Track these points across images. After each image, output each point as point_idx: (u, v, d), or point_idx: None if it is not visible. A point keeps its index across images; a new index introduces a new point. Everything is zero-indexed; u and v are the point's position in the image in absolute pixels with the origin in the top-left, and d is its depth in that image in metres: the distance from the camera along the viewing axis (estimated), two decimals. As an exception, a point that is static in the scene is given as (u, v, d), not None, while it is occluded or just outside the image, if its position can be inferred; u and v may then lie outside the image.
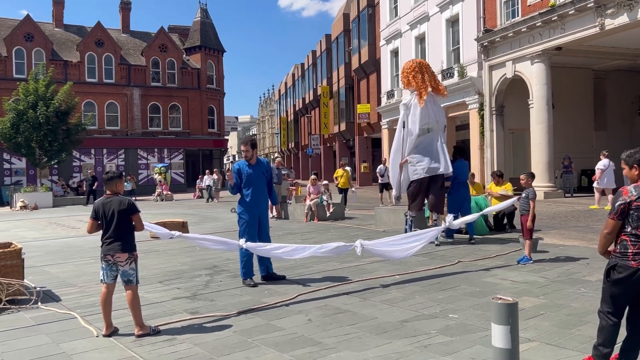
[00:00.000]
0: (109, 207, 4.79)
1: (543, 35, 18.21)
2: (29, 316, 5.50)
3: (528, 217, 7.41)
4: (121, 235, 4.75)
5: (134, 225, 4.86)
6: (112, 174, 4.96)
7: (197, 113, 42.41)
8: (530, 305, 5.30)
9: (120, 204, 4.78)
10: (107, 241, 4.78)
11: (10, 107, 28.50)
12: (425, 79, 10.00)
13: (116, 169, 32.81)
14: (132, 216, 4.81)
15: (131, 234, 4.84)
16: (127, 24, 44.54)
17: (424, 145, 9.87)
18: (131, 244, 4.82)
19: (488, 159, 21.45)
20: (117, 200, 4.82)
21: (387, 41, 30.67)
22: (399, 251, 6.84)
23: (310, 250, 6.36)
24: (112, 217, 4.76)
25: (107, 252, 4.75)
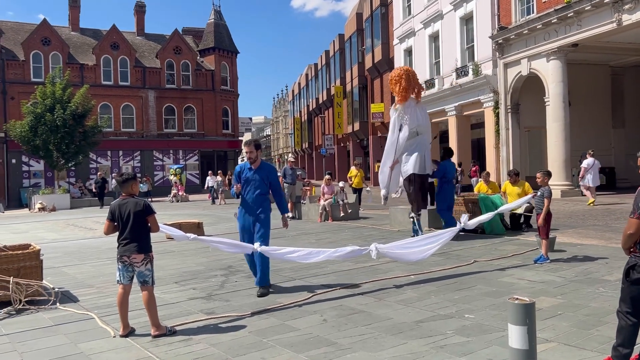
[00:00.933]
0: (125, 209, 4.83)
1: (559, 32, 18.01)
2: (48, 316, 5.57)
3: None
4: (137, 237, 4.78)
5: (149, 226, 4.89)
6: (126, 176, 5.00)
7: (211, 114, 42.66)
8: (548, 305, 5.23)
9: (135, 206, 4.82)
10: (123, 242, 4.82)
11: (29, 111, 28.95)
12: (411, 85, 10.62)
13: (132, 171, 33.11)
14: (147, 217, 4.84)
15: (147, 235, 4.87)
16: (141, 27, 44.95)
17: (413, 147, 10.55)
18: (147, 245, 4.85)
19: (504, 158, 21.27)
20: (132, 201, 4.85)
21: (400, 40, 30.57)
22: (414, 253, 6.77)
23: (325, 255, 6.34)
24: (127, 219, 4.79)
25: (123, 253, 4.80)
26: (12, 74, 36.77)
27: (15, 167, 36.52)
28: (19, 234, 14.57)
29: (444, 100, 25.48)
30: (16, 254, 6.31)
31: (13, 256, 6.25)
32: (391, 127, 10.69)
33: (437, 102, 26.10)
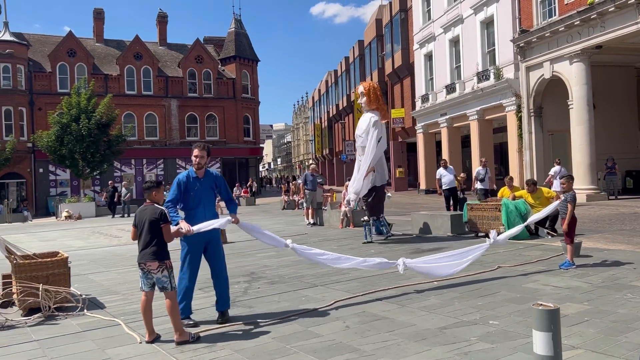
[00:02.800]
0: (143, 216, 4.88)
1: (582, 34, 17.78)
2: (76, 323, 5.69)
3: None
4: (152, 244, 4.79)
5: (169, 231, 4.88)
6: (149, 184, 5.04)
7: (232, 122, 43.06)
8: (574, 311, 5.16)
9: (152, 214, 4.84)
10: (140, 249, 4.88)
11: (55, 121, 29.62)
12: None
13: (156, 178, 33.46)
14: (161, 226, 4.82)
15: (162, 242, 4.84)
16: (164, 37, 45.68)
17: (381, 158, 11.57)
18: (162, 252, 4.82)
19: (527, 162, 21.01)
20: (150, 209, 4.88)
21: (420, 45, 30.49)
22: (442, 268, 6.61)
23: (353, 262, 6.38)
24: (144, 226, 4.84)
25: (140, 260, 4.85)
26: (39, 85, 37.69)
27: (42, 177, 37.36)
28: (47, 242, 14.89)
29: (465, 105, 25.31)
30: (45, 262, 6.46)
31: (42, 264, 6.40)
32: (375, 138, 11.22)
33: (459, 107, 25.94)
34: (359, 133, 11.59)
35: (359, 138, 11.59)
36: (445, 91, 27.38)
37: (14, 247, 6.54)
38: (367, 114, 11.57)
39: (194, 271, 5.45)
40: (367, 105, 11.63)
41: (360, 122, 11.69)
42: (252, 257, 9.94)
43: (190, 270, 5.42)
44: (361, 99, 11.74)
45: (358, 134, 11.64)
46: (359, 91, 11.89)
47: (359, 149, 11.82)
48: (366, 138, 11.31)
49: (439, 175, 15.94)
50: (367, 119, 11.46)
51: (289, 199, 25.32)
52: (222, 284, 5.53)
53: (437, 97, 28.62)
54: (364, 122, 11.56)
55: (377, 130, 11.28)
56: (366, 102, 11.62)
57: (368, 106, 11.61)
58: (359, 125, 11.67)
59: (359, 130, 11.64)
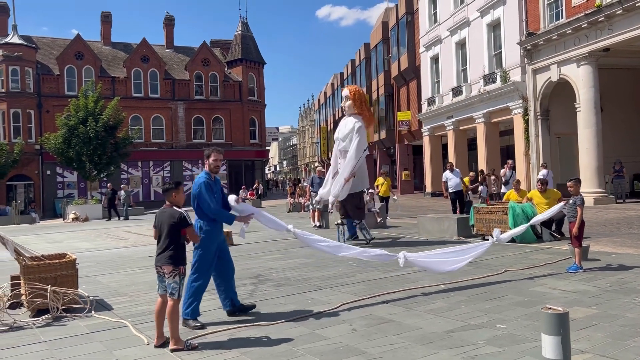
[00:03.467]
0: (161, 219, 4.83)
1: (589, 37, 17.72)
2: (84, 324, 5.71)
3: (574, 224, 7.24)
4: (169, 248, 4.74)
5: (185, 238, 4.82)
6: (167, 185, 4.95)
7: (239, 125, 43.18)
8: (582, 315, 5.13)
9: (170, 218, 4.76)
10: (157, 251, 4.84)
11: (62, 123, 29.79)
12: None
13: (170, 180, 33.43)
14: (183, 230, 4.75)
15: (179, 247, 4.78)
16: (170, 40, 45.89)
17: (362, 164, 11.36)
18: (178, 257, 4.75)
19: (534, 165, 20.94)
20: (169, 212, 4.81)
21: (426, 48, 30.48)
22: (443, 263, 6.66)
23: (354, 252, 6.40)
24: (162, 229, 4.80)
25: (156, 263, 4.83)
26: (47, 88, 37.95)
27: (50, 178, 37.57)
28: (54, 244, 14.96)
29: (471, 108, 25.26)
30: (53, 263, 6.49)
31: (50, 265, 6.43)
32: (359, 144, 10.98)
33: (465, 110, 25.90)
34: (340, 137, 11.29)
35: (340, 142, 11.30)
36: (451, 94, 27.34)
37: (23, 249, 6.58)
38: (351, 119, 11.26)
39: (210, 273, 5.57)
40: (351, 109, 11.34)
41: (342, 126, 11.39)
42: (258, 259, 9.95)
43: (207, 272, 5.52)
44: (345, 102, 11.46)
45: (339, 138, 11.32)
46: (344, 94, 11.51)
47: (338, 152, 11.44)
48: (348, 143, 11.00)
49: (445, 178, 15.93)
50: (351, 123, 11.14)
51: (294, 202, 25.33)
52: (233, 282, 5.80)
53: (443, 99, 28.59)
54: (346, 126, 11.25)
55: (362, 137, 11.05)
56: (350, 106, 11.33)
57: (352, 110, 11.33)
58: (340, 129, 11.38)
59: (340, 134, 11.33)
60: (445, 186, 15.86)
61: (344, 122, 11.41)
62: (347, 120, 11.37)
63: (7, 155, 31.59)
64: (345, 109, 11.50)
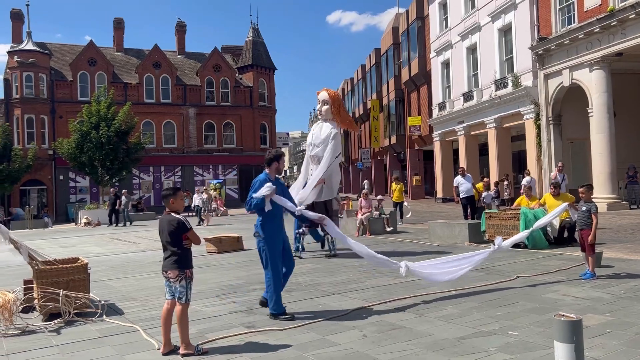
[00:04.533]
0: (162, 226, 4.85)
1: (602, 41, 17.59)
2: (95, 328, 5.74)
3: (589, 232, 7.13)
4: (173, 254, 4.75)
5: (187, 242, 4.82)
6: (165, 192, 4.97)
7: (249, 130, 43.35)
8: (596, 322, 5.07)
9: (169, 224, 4.77)
10: (163, 257, 4.86)
11: (75, 128, 30.12)
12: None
13: (173, 186, 33.65)
14: (184, 235, 4.77)
15: (183, 251, 4.78)
16: (182, 46, 46.24)
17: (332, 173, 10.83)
18: (182, 262, 4.76)
19: (546, 170, 20.78)
20: (166, 219, 4.81)
21: (437, 53, 30.42)
22: (444, 274, 6.59)
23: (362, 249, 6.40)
24: (164, 236, 4.82)
25: (162, 269, 4.85)
26: (60, 93, 38.39)
27: (62, 183, 37.94)
28: (66, 248, 15.09)
29: (482, 113, 25.15)
30: (65, 268, 6.54)
31: (62, 269, 6.48)
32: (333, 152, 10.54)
33: (476, 115, 25.80)
34: (315, 142, 10.73)
35: (314, 147, 10.75)
36: (462, 99, 27.25)
37: (36, 253, 6.64)
38: (327, 124, 10.74)
39: (280, 265, 5.92)
40: (328, 114, 10.81)
41: (316, 131, 10.81)
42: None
43: (277, 264, 5.88)
44: (322, 106, 10.83)
45: (314, 143, 10.75)
46: (321, 98, 10.86)
47: (310, 158, 10.92)
48: (323, 149, 10.50)
49: (456, 183, 15.85)
50: (327, 129, 10.66)
51: (305, 207, 25.27)
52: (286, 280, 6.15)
53: (454, 104, 28.49)
54: (322, 131, 10.70)
55: (337, 144, 10.62)
56: (328, 111, 10.78)
57: (330, 115, 10.81)
58: (315, 134, 10.79)
59: (314, 139, 10.76)
60: (457, 191, 15.76)
61: (318, 127, 10.83)
62: (322, 125, 10.79)
63: (21, 160, 31.97)
64: (322, 113, 10.87)
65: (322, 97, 10.84)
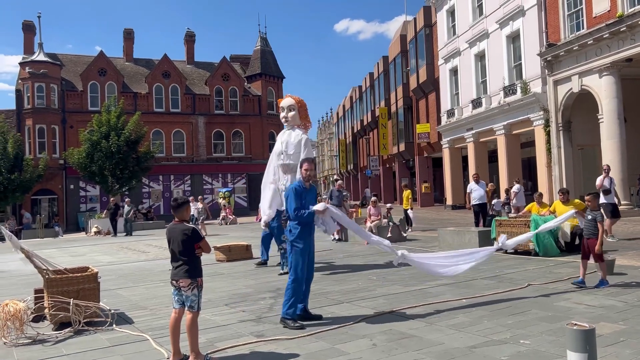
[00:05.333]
0: (173, 235, 4.85)
1: (611, 47, 17.50)
2: (105, 337, 5.75)
3: (595, 241, 7.03)
4: (184, 262, 4.76)
5: (199, 251, 4.83)
6: (175, 203, 4.98)
7: (258, 138, 43.51)
8: (609, 331, 5.00)
9: (182, 234, 4.78)
10: (172, 266, 4.85)
11: (86, 138, 30.38)
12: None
13: (182, 194, 33.74)
14: (196, 244, 4.80)
15: (195, 260, 4.81)
16: (191, 56, 46.60)
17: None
18: (194, 270, 4.77)
19: (556, 177, 20.64)
20: (179, 228, 4.83)
21: (445, 60, 30.41)
22: (439, 266, 6.63)
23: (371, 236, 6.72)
24: (175, 245, 4.82)
25: (172, 277, 4.83)
26: (71, 103, 38.77)
27: (73, 193, 38.22)
28: (77, 257, 15.16)
29: (491, 120, 25.07)
30: (75, 277, 6.56)
31: (73, 279, 6.50)
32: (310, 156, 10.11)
33: (485, 122, 25.72)
34: (288, 151, 10.12)
35: (286, 155, 10.11)
36: (471, 106, 27.19)
37: (46, 262, 6.67)
38: (297, 131, 10.27)
39: (304, 272, 5.96)
40: (296, 120, 10.31)
41: (285, 138, 10.25)
42: (277, 272, 9.93)
43: (302, 271, 5.93)
44: (288, 112, 10.28)
45: (287, 152, 10.13)
46: (287, 104, 10.35)
47: (284, 167, 10.23)
48: (298, 157, 9.84)
49: (469, 190, 15.82)
50: (298, 136, 10.20)
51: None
52: (309, 288, 6.21)
53: (462, 111, 28.43)
54: (292, 138, 10.18)
55: (311, 151, 10.24)
56: (295, 117, 10.27)
57: (297, 121, 10.34)
58: (284, 141, 10.22)
59: (285, 147, 10.15)
60: (469, 197, 15.72)
61: (287, 134, 10.30)
62: (291, 132, 10.27)
63: (32, 170, 32.26)
64: (289, 120, 10.29)
65: (288, 103, 10.42)
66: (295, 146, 10.08)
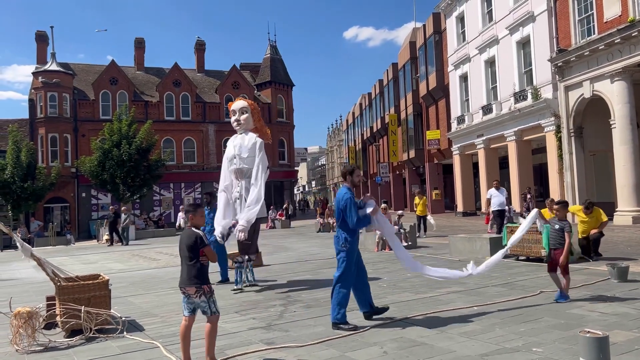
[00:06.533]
0: (182, 239, 4.86)
1: (623, 52, 17.38)
2: (116, 345, 5.77)
3: (562, 251, 6.68)
4: (189, 269, 4.73)
5: (204, 258, 4.79)
6: (187, 207, 5.03)
7: (268, 146, 42.59)
8: (623, 339, 4.93)
9: (188, 238, 4.78)
10: (181, 273, 4.84)
11: (97, 147, 30.63)
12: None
13: (193, 202, 33.84)
14: (202, 250, 4.76)
15: (200, 267, 4.75)
16: (201, 64, 46.92)
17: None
18: (200, 277, 4.72)
19: (568, 183, 20.46)
20: (187, 233, 4.84)
21: (455, 67, 30.36)
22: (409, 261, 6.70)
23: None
24: (182, 250, 4.82)
25: (180, 285, 4.83)
26: (83, 112, 39.16)
27: (84, 201, 38.52)
28: (88, 265, 15.25)
29: (502, 126, 24.95)
30: (87, 284, 6.60)
31: (84, 286, 6.54)
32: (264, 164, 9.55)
33: (495, 128, 25.60)
34: (240, 154, 9.51)
35: (239, 161, 9.51)
36: (481, 112, 27.09)
37: (58, 270, 6.72)
38: (251, 135, 9.74)
39: (353, 280, 6.12)
40: (249, 124, 9.82)
41: (238, 141, 9.67)
42: (288, 279, 9.92)
43: (351, 279, 6.08)
44: (239, 115, 9.78)
45: (239, 155, 9.51)
46: (239, 106, 9.84)
47: (233, 172, 9.60)
48: (252, 161, 9.47)
49: (489, 195, 16.07)
50: (252, 138, 9.67)
51: (324, 222, 25.28)
52: (369, 286, 6.40)
53: (473, 118, 28.33)
54: (246, 142, 9.60)
55: (265, 156, 9.70)
56: (248, 120, 9.78)
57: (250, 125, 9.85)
58: (238, 145, 9.60)
59: (240, 150, 9.53)
60: (488, 202, 15.98)
61: (240, 138, 9.74)
62: (244, 137, 9.72)
63: (44, 178, 32.56)
64: (242, 123, 9.77)
65: (240, 105, 9.90)
66: (249, 150, 9.54)
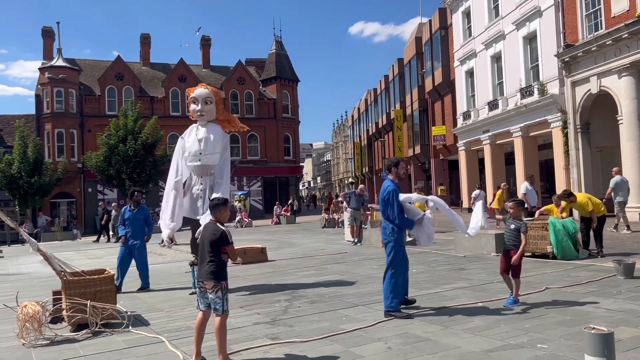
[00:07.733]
0: (204, 234, 4.81)
1: (630, 47, 17.23)
2: (121, 339, 5.80)
3: (516, 252, 6.38)
4: (210, 264, 4.69)
5: (225, 256, 4.77)
6: (215, 201, 4.96)
7: (273, 142, 43.64)
8: (629, 336, 4.91)
9: (212, 234, 4.74)
10: (199, 267, 4.81)
11: (103, 142, 30.74)
12: None
13: (221, 196, 33.89)
14: (223, 247, 4.73)
15: (220, 263, 4.73)
16: (207, 60, 46.95)
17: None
18: (219, 273, 4.70)
19: (574, 179, 20.36)
20: (211, 228, 4.79)
21: (461, 62, 30.23)
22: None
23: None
24: (204, 245, 4.79)
25: (198, 278, 4.81)
26: (89, 108, 39.28)
27: (91, 196, 38.68)
28: (94, 260, 15.33)
29: (508, 122, 24.84)
30: (93, 279, 6.64)
31: (90, 281, 6.58)
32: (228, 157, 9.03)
33: (501, 124, 25.49)
34: (206, 150, 8.72)
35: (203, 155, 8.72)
36: (487, 108, 26.97)
37: (64, 265, 6.76)
38: (218, 129, 8.94)
39: (403, 269, 6.39)
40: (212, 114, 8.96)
41: (203, 135, 8.83)
42: (292, 275, 9.95)
43: (402, 268, 6.34)
44: (203, 105, 8.80)
45: (205, 151, 8.72)
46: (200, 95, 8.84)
47: (200, 168, 8.82)
48: (218, 158, 8.83)
49: (524, 190, 16.38)
50: (218, 132, 8.90)
51: (329, 217, 25.31)
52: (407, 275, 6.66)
53: (479, 113, 28.22)
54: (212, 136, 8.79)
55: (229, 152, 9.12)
56: (212, 111, 8.92)
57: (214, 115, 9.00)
58: (201, 138, 8.81)
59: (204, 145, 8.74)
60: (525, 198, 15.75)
61: (204, 133, 8.84)
62: (208, 130, 8.86)
63: (51, 173, 32.72)
64: (205, 114, 8.86)
65: (202, 93, 8.84)
66: (215, 146, 8.76)
